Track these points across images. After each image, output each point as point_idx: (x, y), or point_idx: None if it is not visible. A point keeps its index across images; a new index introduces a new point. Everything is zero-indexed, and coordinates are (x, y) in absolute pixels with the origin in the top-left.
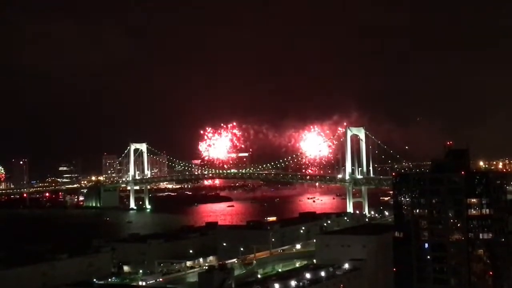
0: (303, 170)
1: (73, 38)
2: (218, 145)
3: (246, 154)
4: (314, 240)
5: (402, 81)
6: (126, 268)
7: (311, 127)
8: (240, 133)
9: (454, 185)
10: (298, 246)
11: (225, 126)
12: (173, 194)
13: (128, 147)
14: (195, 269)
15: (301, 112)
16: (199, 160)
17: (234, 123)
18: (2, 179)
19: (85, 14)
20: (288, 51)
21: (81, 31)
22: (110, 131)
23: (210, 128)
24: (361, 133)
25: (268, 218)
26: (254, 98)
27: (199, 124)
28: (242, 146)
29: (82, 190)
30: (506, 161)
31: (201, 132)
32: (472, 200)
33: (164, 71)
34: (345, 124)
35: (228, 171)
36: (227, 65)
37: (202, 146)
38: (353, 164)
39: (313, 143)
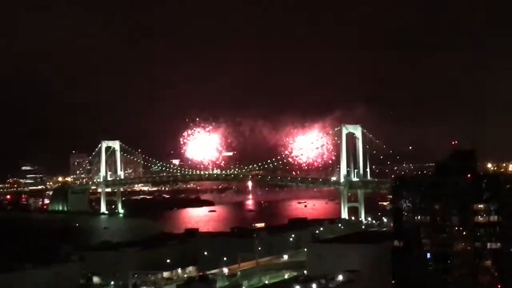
0: (298, 172)
1: (37, 22)
2: (204, 142)
3: (231, 154)
4: (305, 249)
5: (409, 77)
6: (96, 280)
7: (305, 124)
8: (231, 129)
9: (460, 189)
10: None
11: (213, 121)
12: (149, 197)
13: (99, 145)
14: (173, 281)
15: (303, 107)
16: (179, 160)
17: (223, 118)
18: None
19: None
20: (288, 40)
21: (47, 13)
22: (80, 127)
23: (195, 123)
24: (357, 131)
25: (256, 225)
26: (249, 90)
27: (182, 119)
28: (233, 144)
29: (47, 192)
30: None
31: (184, 128)
32: (479, 205)
33: (141, 60)
34: (343, 123)
35: (211, 172)
36: (216, 55)
37: (184, 145)
38: (348, 166)
39: (307, 142)
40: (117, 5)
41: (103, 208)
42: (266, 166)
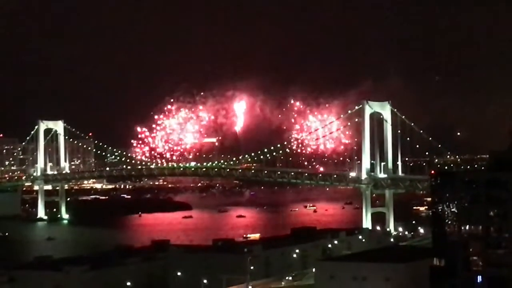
0: (306, 165)
1: None
2: (181, 124)
3: (215, 140)
4: (313, 269)
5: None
6: None
7: (320, 100)
8: (221, 106)
9: None
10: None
11: (197, 94)
12: (103, 198)
13: (36, 127)
14: None
15: (317, 77)
16: (144, 148)
17: (211, 91)
18: None
19: None
20: None
21: None
22: (9, 104)
23: (172, 98)
24: (385, 111)
25: (248, 236)
26: (248, 54)
27: (151, 93)
28: (223, 126)
29: None
30: None
31: (154, 104)
32: None
33: (96, 14)
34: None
35: (187, 165)
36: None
37: (152, 128)
38: (373, 157)
39: (320, 125)
40: None
41: (40, 212)
42: (262, 156)
